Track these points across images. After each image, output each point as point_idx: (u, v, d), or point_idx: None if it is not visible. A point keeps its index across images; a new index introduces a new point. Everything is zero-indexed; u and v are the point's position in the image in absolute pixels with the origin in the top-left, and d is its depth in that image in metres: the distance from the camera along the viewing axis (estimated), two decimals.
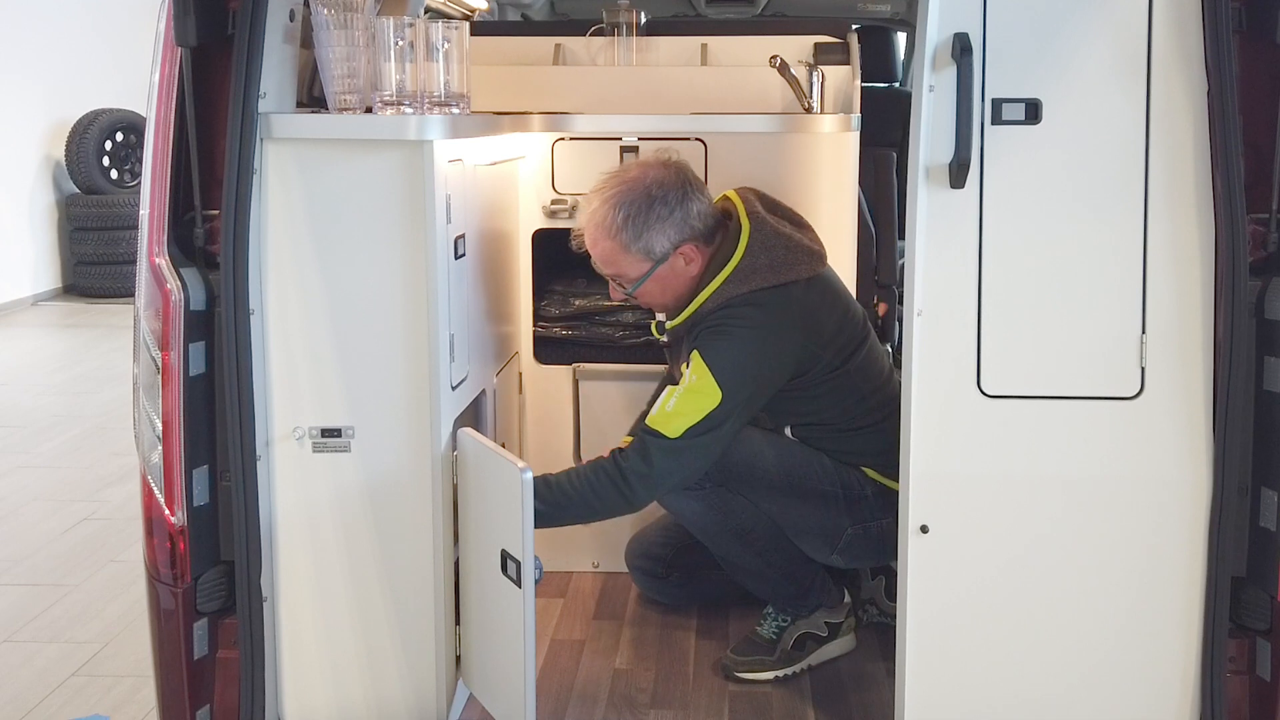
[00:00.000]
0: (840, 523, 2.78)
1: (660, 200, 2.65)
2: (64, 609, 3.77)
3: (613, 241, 2.66)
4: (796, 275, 2.67)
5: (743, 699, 2.76)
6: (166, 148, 2.30)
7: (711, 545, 2.86)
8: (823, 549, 2.84)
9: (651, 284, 2.70)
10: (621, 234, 2.65)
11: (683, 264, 2.69)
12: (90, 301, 9.34)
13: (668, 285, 2.71)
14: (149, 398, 2.30)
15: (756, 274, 2.64)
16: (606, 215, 2.65)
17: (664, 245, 2.66)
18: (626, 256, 2.67)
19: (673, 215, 2.66)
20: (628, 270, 2.69)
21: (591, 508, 2.59)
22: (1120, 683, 2.30)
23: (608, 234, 2.66)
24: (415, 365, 2.42)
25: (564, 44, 3.62)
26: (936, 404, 2.26)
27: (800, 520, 2.79)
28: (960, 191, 2.22)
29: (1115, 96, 2.21)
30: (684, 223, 2.67)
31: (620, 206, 2.65)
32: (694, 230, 2.68)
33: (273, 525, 2.44)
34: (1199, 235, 2.21)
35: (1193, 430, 2.24)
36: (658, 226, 2.65)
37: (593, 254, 2.73)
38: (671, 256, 2.67)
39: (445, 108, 2.45)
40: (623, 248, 2.66)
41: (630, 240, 2.65)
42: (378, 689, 2.51)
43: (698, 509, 2.76)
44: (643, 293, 2.73)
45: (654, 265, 2.67)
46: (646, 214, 2.64)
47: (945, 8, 2.19)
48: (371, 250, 2.39)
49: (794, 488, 2.76)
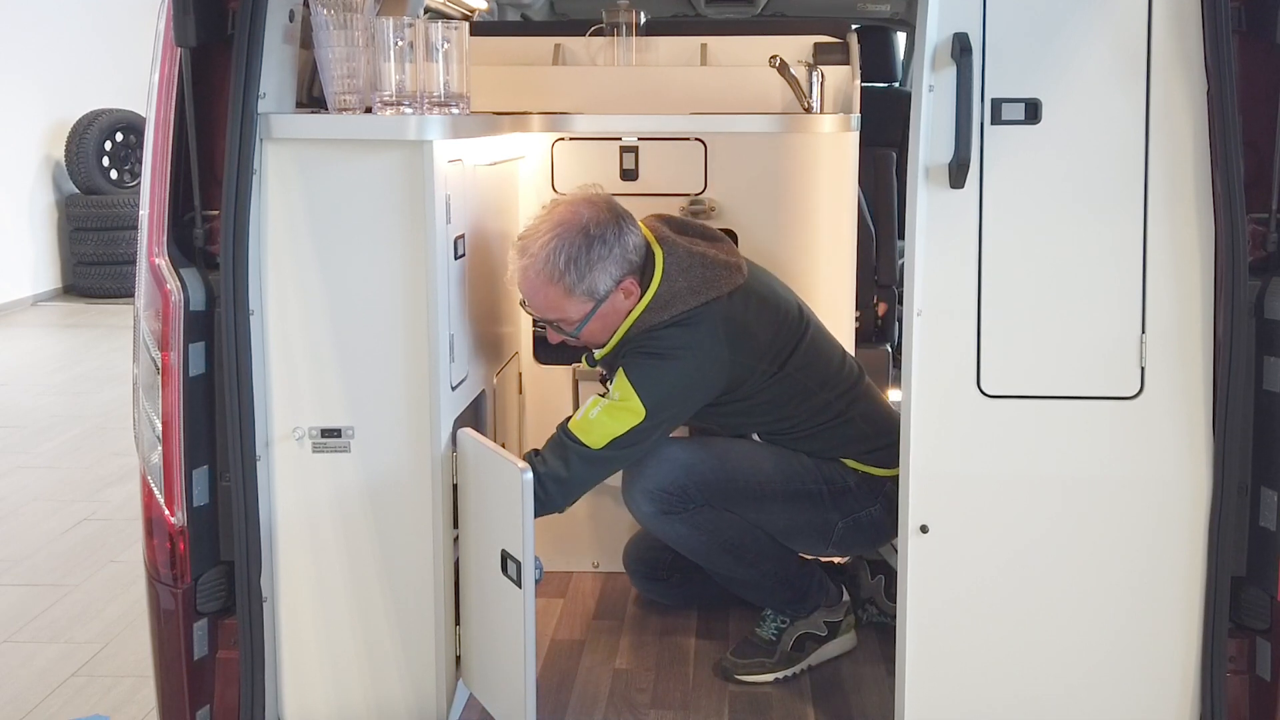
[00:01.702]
0: (830, 518, 2.79)
1: (599, 239, 2.60)
2: (64, 609, 3.77)
3: (555, 287, 2.60)
4: (717, 292, 2.65)
5: (743, 699, 2.76)
6: (166, 148, 2.30)
7: (704, 564, 2.86)
8: (817, 545, 2.85)
9: (594, 323, 2.66)
10: (565, 278, 2.58)
11: (623, 299, 2.65)
12: (90, 301, 9.35)
13: (608, 322, 2.67)
14: (149, 398, 2.30)
15: (677, 299, 2.63)
16: (547, 261, 2.58)
17: (607, 283, 2.61)
18: (569, 301, 2.62)
19: (612, 253, 2.61)
20: (570, 313, 2.64)
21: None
22: (1120, 683, 2.30)
23: (549, 280, 2.59)
24: (415, 365, 2.42)
25: (564, 44, 3.62)
26: (936, 404, 2.26)
27: (789, 524, 2.79)
28: (960, 191, 2.22)
29: (1115, 96, 2.21)
30: (623, 258, 2.62)
31: (560, 251, 2.58)
32: (631, 264, 2.64)
33: (273, 525, 2.44)
34: (1199, 235, 2.21)
35: (1192, 430, 2.24)
36: (600, 266, 2.59)
37: (532, 303, 2.67)
38: (613, 293, 2.64)
39: (445, 108, 2.45)
40: (566, 292, 2.60)
41: (574, 283, 2.59)
42: (378, 689, 2.51)
43: (684, 531, 2.75)
44: (585, 333, 2.68)
45: (596, 304, 2.63)
46: (587, 254, 2.59)
47: (945, 8, 2.19)
48: (371, 250, 2.39)
49: (777, 493, 2.76)
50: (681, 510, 2.72)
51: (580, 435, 2.58)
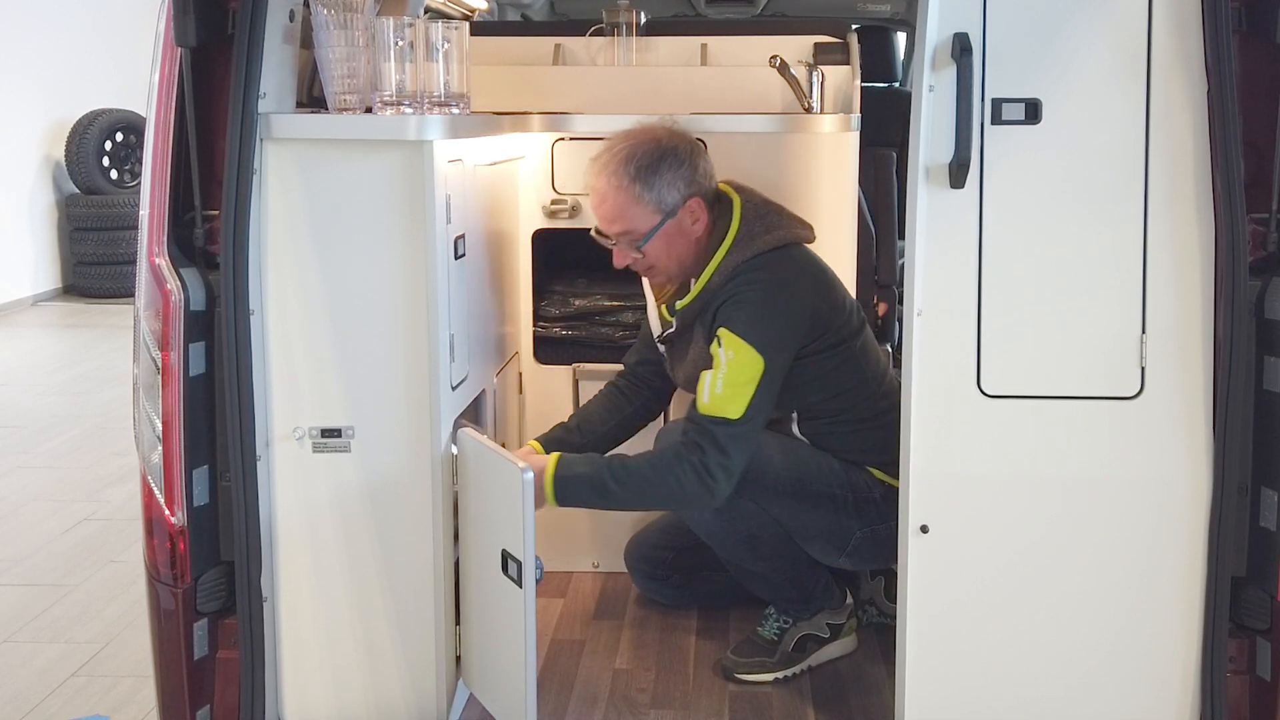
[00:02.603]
0: (849, 526, 2.77)
1: (671, 152, 2.66)
2: (64, 609, 3.77)
3: (624, 194, 2.64)
4: (796, 237, 2.70)
5: (743, 699, 2.75)
6: (166, 148, 2.30)
7: (719, 550, 2.85)
8: (831, 552, 2.83)
9: (659, 241, 2.67)
10: (635, 185, 2.63)
11: (689, 221, 2.68)
12: (90, 301, 9.35)
13: (673, 246, 2.69)
14: (149, 398, 2.30)
15: (755, 239, 2.66)
16: (618, 168, 2.64)
17: (674, 197, 2.65)
18: (637, 209, 2.65)
19: (683, 167, 2.66)
20: (637, 224, 2.66)
21: (674, 498, 2.59)
22: (1120, 683, 2.30)
23: (619, 186, 2.64)
24: (415, 365, 2.42)
25: (564, 44, 3.62)
26: (936, 404, 2.26)
27: (809, 524, 2.78)
28: (960, 191, 2.22)
29: (1115, 96, 2.21)
30: (692, 177, 2.68)
31: (633, 159, 2.64)
32: (701, 187, 2.69)
33: (273, 525, 2.44)
34: (1199, 235, 2.21)
35: (1193, 430, 2.24)
36: (668, 177, 2.64)
37: (600, 212, 2.70)
38: (680, 211, 2.66)
39: (445, 108, 2.45)
40: (634, 199, 2.64)
41: (643, 191, 2.63)
42: (378, 689, 2.51)
43: (707, 516, 2.74)
44: (650, 251, 2.68)
45: (663, 219, 2.66)
46: (658, 165, 2.64)
47: (945, 8, 2.19)
48: (371, 250, 2.39)
49: (803, 491, 2.75)
50: None
51: (721, 413, 2.55)
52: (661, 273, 2.75)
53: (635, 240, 2.68)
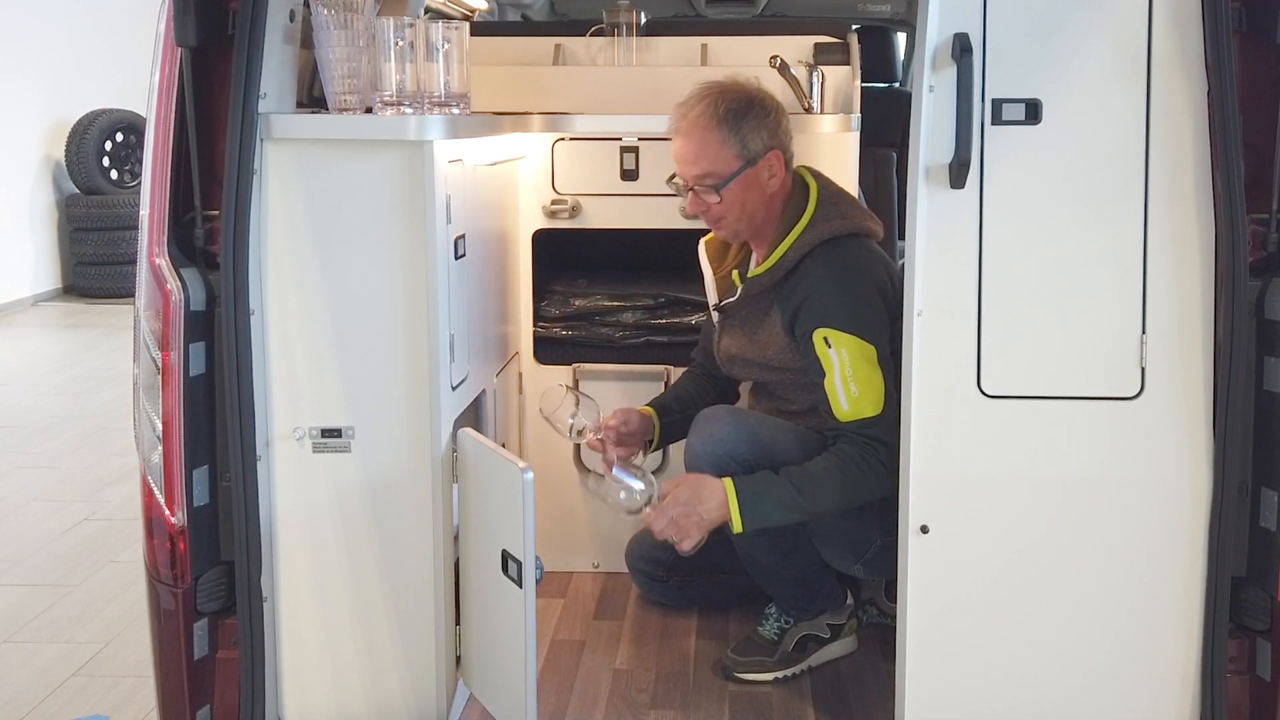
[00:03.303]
0: (870, 534, 2.74)
1: (759, 102, 2.69)
2: (64, 609, 3.77)
3: (710, 135, 2.65)
4: (867, 230, 2.73)
5: (743, 699, 2.76)
6: (166, 148, 2.30)
7: (737, 540, 2.83)
8: (847, 558, 2.81)
9: (736, 188, 2.67)
10: (721, 127, 2.64)
11: (766, 175, 2.69)
12: (90, 302, 9.35)
13: (748, 197, 2.69)
14: (149, 398, 2.30)
15: (830, 220, 2.69)
16: (707, 109, 2.66)
17: (758, 145, 2.67)
18: (721, 151, 2.66)
19: (768, 118, 2.69)
20: (718, 167, 2.66)
21: (861, 495, 2.59)
22: (1120, 683, 2.30)
23: (705, 126, 2.65)
24: (415, 365, 2.42)
25: (564, 44, 3.61)
26: (936, 404, 2.26)
27: (832, 527, 2.75)
28: (960, 191, 2.22)
29: (1115, 96, 2.21)
30: (777, 130, 2.70)
31: (721, 102, 2.66)
32: (783, 143, 2.71)
33: (273, 525, 2.44)
34: (1199, 235, 2.21)
35: (1193, 430, 2.24)
36: (754, 124, 2.66)
37: (683, 153, 2.70)
38: (761, 161, 2.67)
39: (445, 108, 2.45)
40: (719, 141, 2.65)
41: (729, 133, 2.65)
42: (378, 689, 2.51)
43: None
44: (725, 197, 2.68)
45: (744, 165, 2.66)
46: (745, 111, 2.66)
47: (945, 8, 2.20)
48: (371, 250, 2.39)
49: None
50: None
51: (865, 414, 2.58)
52: (730, 225, 2.75)
53: (714, 184, 2.68)
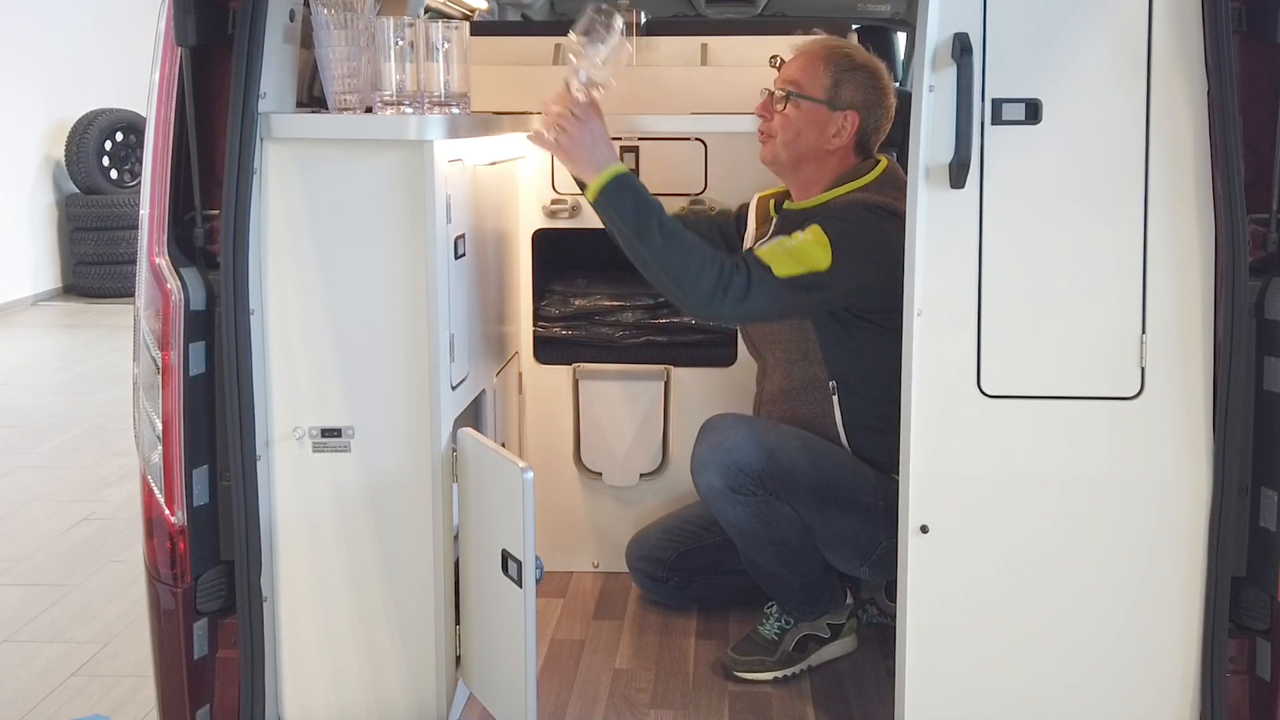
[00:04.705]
0: (875, 536, 2.75)
1: (877, 75, 2.81)
2: (64, 609, 3.77)
3: (819, 61, 2.79)
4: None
5: (743, 699, 2.76)
6: (166, 148, 2.30)
7: (745, 547, 2.83)
8: (854, 561, 2.82)
9: (801, 114, 2.77)
10: (831, 63, 2.78)
11: (833, 129, 2.78)
12: (90, 301, 9.35)
13: (805, 131, 2.78)
14: (149, 398, 2.30)
15: (884, 193, 2.74)
16: (833, 44, 2.83)
17: (846, 98, 2.77)
18: (816, 77, 2.78)
19: (873, 91, 2.80)
20: (805, 85, 2.78)
21: (685, 281, 2.57)
22: (1120, 683, 2.30)
23: (821, 54, 2.80)
24: (415, 365, 2.42)
25: (564, 44, 3.61)
26: (936, 404, 2.26)
27: (838, 531, 2.77)
28: (960, 191, 2.22)
29: (1115, 96, 2.21)
30: (870, 106, 2.79)
31: (848, 49, 2.82)
32: (866, 120, 2.80)
33: (273, 525, 2.44)
34: (1199, 235, 2.21)
35: (1193, 430, 2.24)
36: (858, 82, 2.78)
37: (790, 63, 2.83)
38: (837, 113, 2.77)
39: (445, 108, 2.45)
40: (822, 70, 2.78)
41: (834, 71, 2.77)
42: (378, 689, 2.51)
43: (742, 515, 2.72)
44: (789, 114, 2.78)
45: (823, 102, 2.77)
46: (859, 69, 2.80)
47: (945, 8, 2.19)
48: (371, 250, 2.39)
49: (839, 499, 2.74)
50: (749, 494, 2.68)
51: (768, 261, 2.61)
52: (773, 146, 2.82)
53: (791, 92, 2.78)
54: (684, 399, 3.33)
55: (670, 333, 3.33)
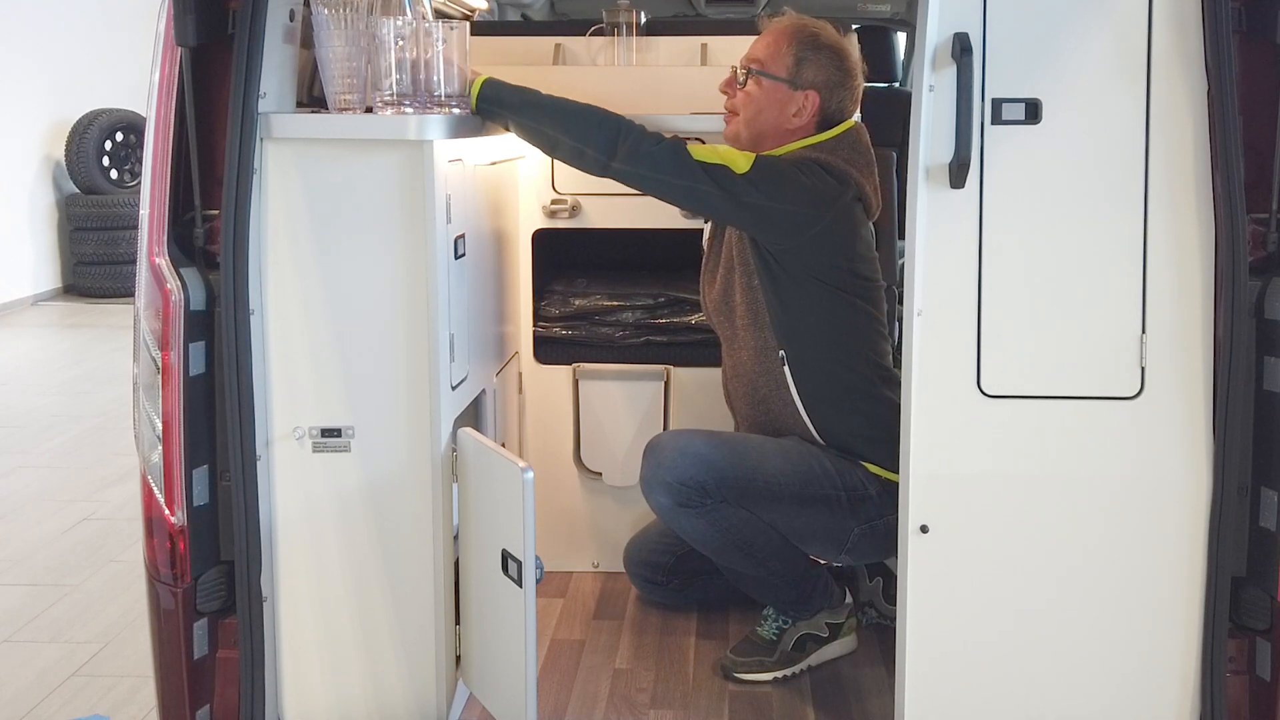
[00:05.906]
0: (846, 525, 2.77)
1: (843, 58, 2.81)
2: (64, 609, 3.77)
3: (784, 39, 2.79)
4: (862, 192, 2.77)
5: (743, 699, 2.76)
6: (166, 148, 2.30)
7: (715, 558, 2.85)
8: (830, 551, 2.83)
9: (762, 92, 2.78)
10: (796, 41, 2.78)
11: (794, 108, 2.78)
12: (90, 301, 9.34)
13: (765, 109, 2.79)
14: (149, 398, 2.30)
15: (835, 155, 2.74)
16: (797, 22, 2.82)
17: (809, 77, 2.77)
18: (780, 56, 2.78)
19: (836, 73, 2.79)
20: (768, 63, 2.78)
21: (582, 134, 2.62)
22: (1120, 682, 2.30)
23: (786, 32, 2.80)
24: (415, 365, 2.42)
25: (564, 44, 3.61)
26: (936, 404, 2.26)
27: (805, 527, 2.77)
28: (960, 191, 2.22)
29: (1115, 96, 2.21)
30: (830, 86, 2.79)
31: (813, 28, 2.81)
32: (827, 100, 2.80)
33: (273, 525, 2.44)
34: (1199, 235, 2.21)
35: (1193, 430, 2.24)
36: (821, 63, 2.78)
37: (756, 41, 2.84)
38: (799, 92, 2.77)
39: (445, 108, 2.45)
40: (786, 48, 2.78)
41: (797, 49, 2.77)
42: (378, 689, 2.51)
43: (699, 526, 2.73)
44: (750, 92, 2.79)
45: (785, 82, 2.77)
46: (824, 49, 2.79)
47: (945, 8, 2.20)
48: (371, 250, 2.39)
49: (797, 496, 2.74)
50: (699, 505, 2.69)
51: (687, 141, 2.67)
52: (736, 122, 2.84)
53: (753, 69, 2.79)
54: (684, 399, 3.33)
55: (670, 333, 3.33)
